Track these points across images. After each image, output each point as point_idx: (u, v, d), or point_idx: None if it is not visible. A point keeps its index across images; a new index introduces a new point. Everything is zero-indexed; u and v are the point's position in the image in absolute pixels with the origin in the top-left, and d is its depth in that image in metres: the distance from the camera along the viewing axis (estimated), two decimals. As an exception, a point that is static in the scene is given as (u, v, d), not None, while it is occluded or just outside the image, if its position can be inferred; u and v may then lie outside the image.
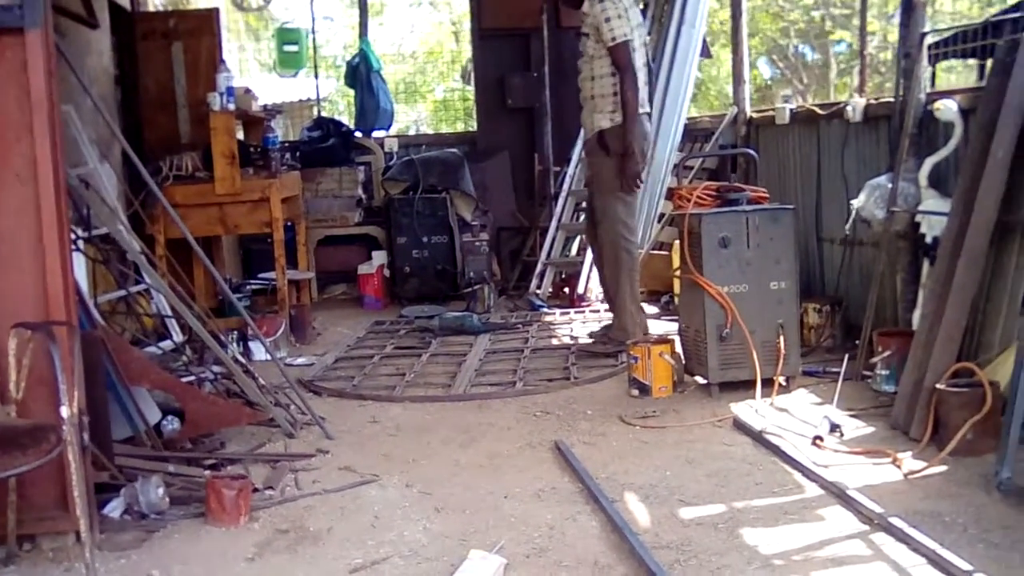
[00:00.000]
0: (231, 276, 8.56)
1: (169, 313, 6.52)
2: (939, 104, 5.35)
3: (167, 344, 6.54)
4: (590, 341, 6.84)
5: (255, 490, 4.24)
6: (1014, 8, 5.49)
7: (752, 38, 8.65)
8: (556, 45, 10.46)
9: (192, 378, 5.58)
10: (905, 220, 5.62)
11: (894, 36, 10.80)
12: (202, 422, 4.90)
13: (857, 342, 5.88)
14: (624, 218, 6.49)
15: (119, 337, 5.34)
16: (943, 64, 6.21)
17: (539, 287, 8.97)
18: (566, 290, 8.84)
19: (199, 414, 4.87)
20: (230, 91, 7.56)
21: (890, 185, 5.65)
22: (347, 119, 12.16)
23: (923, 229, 5.50)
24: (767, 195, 5.93)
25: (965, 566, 3.23)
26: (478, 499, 4.20)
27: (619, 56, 6.30)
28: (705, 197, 5.78)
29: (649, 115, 6.56)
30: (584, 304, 8.36)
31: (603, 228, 6.64)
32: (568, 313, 8.19)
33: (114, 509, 4.05)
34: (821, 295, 6.85)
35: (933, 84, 5.91)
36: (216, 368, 5.73)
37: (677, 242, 6.17)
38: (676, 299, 6.92)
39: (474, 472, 4.56)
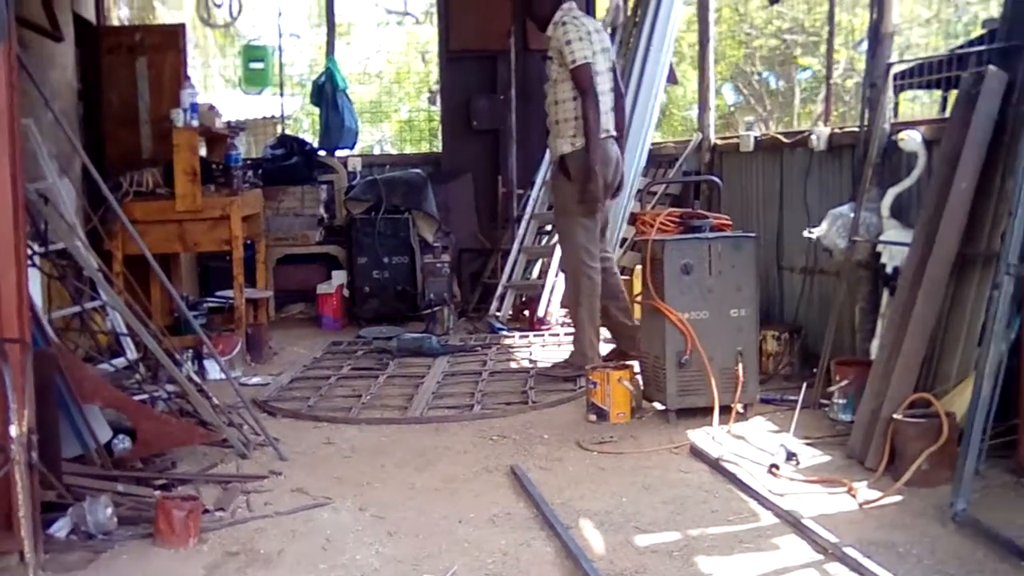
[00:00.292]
0: (188, 294, 8.47)
1: (124, 330, 6.44)
2: (903, 135, 5.38)
3: (120, 361, 6.45)
4: (549, 366, 6.82)
5: (205, 511, 4.17)
6: (978, 41, 5.55)
7: (717, 64, 8.69)
8: (523, 68, 10.49)
9: (145, 396, 5.50)
10: (866, 250, 5.65)
11: (860, 63, 10.91)
12: (154, 441, 4.83)
13: (815, 370, 5.89)
14: (584, 243, 6.46)
15: (72, 354, 5.26)
16: (907, 93, 6.26)
17: (499, 310, 8.95)
18: (526, 313, 8.82)
19: (151, 433, 4.80)
20: (194, 107, 7.50)
21: (852, 214, 5.68)
22: (311, 137, 12.12)
23: (884, 259, 5.53)
24: (730, 222, 5.94)
25: (919, 598, 3.23)
26: (432, 523, 4.15)
27: (579, 79, 6.29)
28: (668, 223, 5.78)
29: (616, 139, 6.53)
30: (544, 328, 8.34)
31: (563, 253, 6.62)
32: (528, 336, 8.17)
33: (60, 529, 3.97)
34: (780, 323, 6.86)
35: (896, 114, 5.95)
36: (170, 387, 5.64)
37: (639, 267, 6.17)
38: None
39: (429, 496, 4.51)
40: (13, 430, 3.36)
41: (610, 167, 6.44)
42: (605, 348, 6.76)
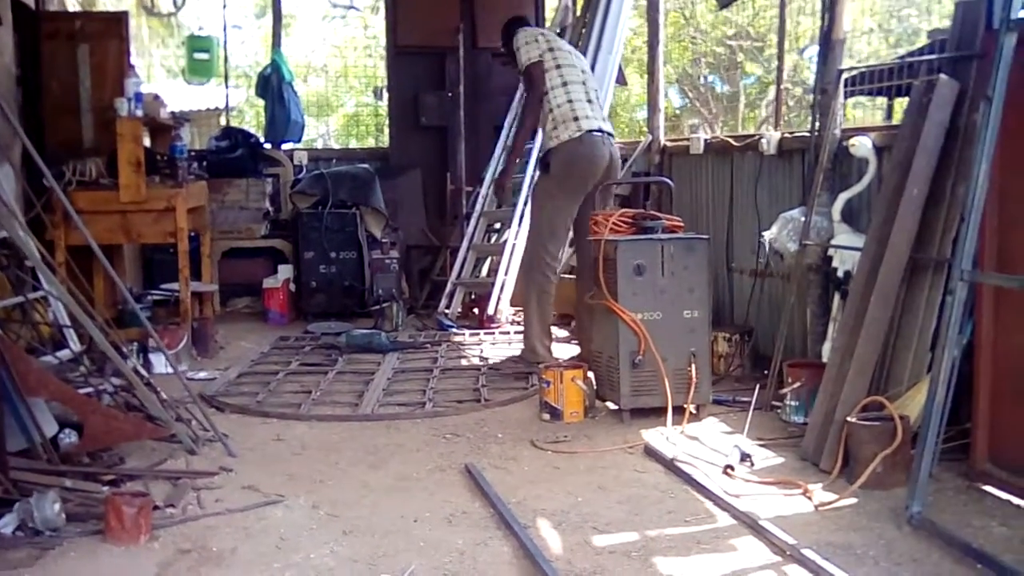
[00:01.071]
0: (132, 286, 8.33)
1: (67, 322, 6.31)
2: (854, 140, 5.43)
3: (64, 353, 6.31)
4: (501, 361, 6.81)
5: (156, 508, 4.09)
6: (927, 50, 5.60)
7: (664, 66, 8.71)
8: (471, 65, 10.47)
9: (91, 390, 5.39)
10: (817, 253, 5.68)
11: (805, 69, 10.98)
12: (101, 436, 4.73)
13: (766, 372, 5.93)
14: (545, 241, 6.53)
15: (17, 346, 5.13)
16: (851, 99, 6.31)
17: (448, 307, 8.92)
18: (476, 311, 8.79)
19: (98, 428, 4.69)
20: (138, 97, 7.37)
21: (803, 218, 5.72)
22: (255, 129, 11.99)
23: (835, 263, 5.57)
24: (682, 224, 5.95)
25: (878, 600, 3.24)
26: (387, 522, 4.10)
27: (527, 76, 6.60)
28: (621, 224, 5.79)
29: (598, 132, 6.56)
30: (494, 326, 8.32)
31: (527, 245, 6.66)
32: (478, 334, 8.14)
33: (6, 525, 3.87)
34: (730, 324, 6.90)
35: (843, 119, 6.00)
36: (116, 380, 5.54)
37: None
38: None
39: (383, 494, 4.46)
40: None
41: (593, 164, 6.50)
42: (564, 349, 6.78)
